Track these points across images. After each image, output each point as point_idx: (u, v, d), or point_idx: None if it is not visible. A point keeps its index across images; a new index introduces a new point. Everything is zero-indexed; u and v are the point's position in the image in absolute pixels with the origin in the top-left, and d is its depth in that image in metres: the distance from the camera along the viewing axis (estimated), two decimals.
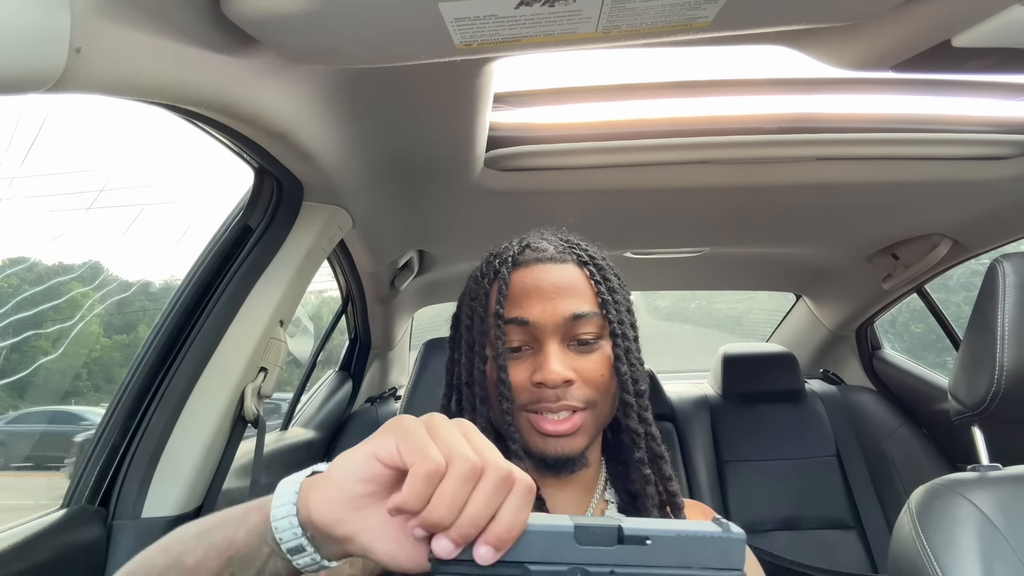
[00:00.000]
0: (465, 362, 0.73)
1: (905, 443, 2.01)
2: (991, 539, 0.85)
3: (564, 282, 0.70)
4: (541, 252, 0.73)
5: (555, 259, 0.72)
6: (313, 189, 1.09)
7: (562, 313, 0.68)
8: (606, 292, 0.71)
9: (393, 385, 2.34)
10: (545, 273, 0.71)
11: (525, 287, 0.70)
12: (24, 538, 0.75)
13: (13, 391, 1.55)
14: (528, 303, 0.69)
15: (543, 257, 0.72)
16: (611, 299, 0.70)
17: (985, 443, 1.03)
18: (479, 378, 0.71)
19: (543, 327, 0.68)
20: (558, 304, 0.69)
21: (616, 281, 0.74)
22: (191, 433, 0.95)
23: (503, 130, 1.28)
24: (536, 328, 0.68)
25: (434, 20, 0.65)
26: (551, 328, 0.68)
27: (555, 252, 0.73)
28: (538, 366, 0.67)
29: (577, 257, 0.73)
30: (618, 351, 0.69)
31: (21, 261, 1.47)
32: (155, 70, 0.61)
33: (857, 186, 1.40)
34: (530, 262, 0.72)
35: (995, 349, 0.94)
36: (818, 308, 2.34)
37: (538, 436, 0.68)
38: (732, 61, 1.07)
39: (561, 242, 0.76)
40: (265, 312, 1.04)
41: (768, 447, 2.04)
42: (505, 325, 0.69)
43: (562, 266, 0.72)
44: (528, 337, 0.69)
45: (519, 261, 0.73)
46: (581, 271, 0.72)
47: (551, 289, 0.69)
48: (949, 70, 0.88)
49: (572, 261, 0.73)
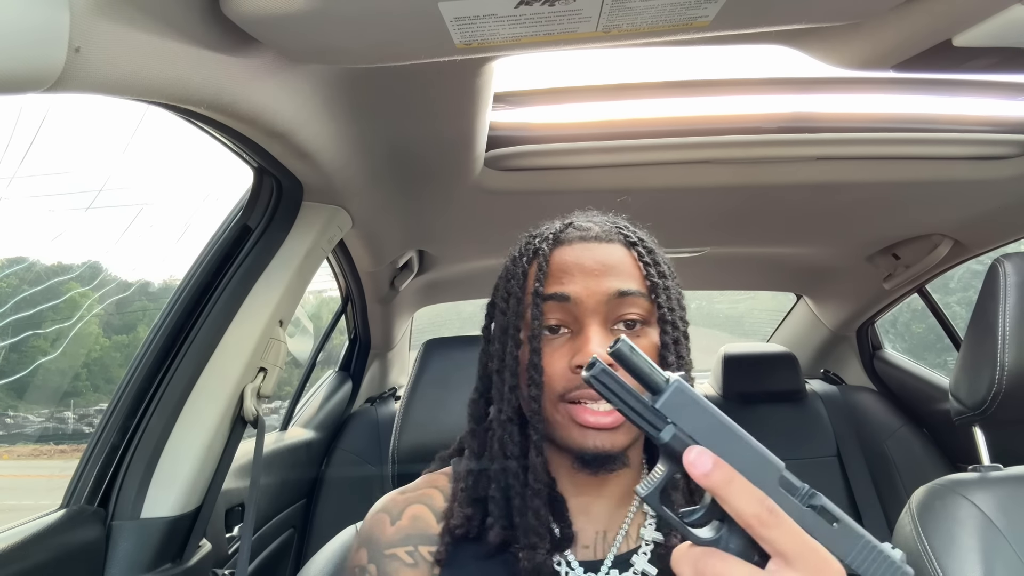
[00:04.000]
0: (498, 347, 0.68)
1: (906, 443, 2.01)
2: (992, 539, 0.85)
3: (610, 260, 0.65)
4: (585, 231, 0.68)
5: (600, 238, 0.67)
6: (313, 189, 1.08)
7: (606, 290, 0.63)
8: (656, 275, 0.66)
9: (393, 385, 2.34)
10: (589, 251, 0.66)
11: (566, 264, 0.65)
12: (23, 538, 0.75)
13: (12, 391, 1.55)
14: (569, 280, 0.64)
15: (587, 236, 0.68)
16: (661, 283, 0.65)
17: (986, 443, 1.03)
18: (511, 363, 0.65)
19: (584, 304, 0.63)
20: (602, 281, 0.64)
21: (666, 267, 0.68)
22: (190, 433, 0.95)
23: (503, 130, 1.28)
24: (577, 305, 0.63)
25: (434, 20, 0.65)
26: (593, 306, 0.63)
27: (600, 231, 0.68)
28: (578, 348, 0.62)
29: (624, 238, 0.68)
30: (666, 339, 0.64)
31: (20, 261, 1.47)
32: (154, 70, 0.60)
33: (858, 186, 1.39)
34: (573, 240, 0.68)
35: (996, 349, 0.94)
36: (819, 308, 2.34)
37: (577, 429, 0.62)
38: (732, 61, 1.07)
39: (607, 222, 0.71)
40: (264, 312, 1.04)
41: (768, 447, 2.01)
42: (543, 303, 0.64)
43: (608, 245, 0.67)
44: (568, 316, 0.64)
45: (561, 239, 0.68)
46: (628, 252, 0.67)
47: (595, 266, 0.64)
48: (950, 70, 0.88)
49: (619, 241, 0.68)
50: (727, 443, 0.43)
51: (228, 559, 1.14)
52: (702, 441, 0.42)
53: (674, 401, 0.43)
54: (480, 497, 0.67)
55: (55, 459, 1.93)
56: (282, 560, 1.58)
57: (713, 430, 0.43)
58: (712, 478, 0.41)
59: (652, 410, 0.43)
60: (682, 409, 0.43)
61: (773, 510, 0.40)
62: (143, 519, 0.89)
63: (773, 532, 0.40)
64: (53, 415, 1.84)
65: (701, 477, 0.41)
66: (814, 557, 0.40)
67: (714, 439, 0.43)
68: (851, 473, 1.98)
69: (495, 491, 0.66)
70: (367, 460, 1.92)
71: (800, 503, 0.43)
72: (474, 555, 0.66)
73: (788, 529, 0.40)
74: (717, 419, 0.44)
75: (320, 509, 1.80)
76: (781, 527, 0.40)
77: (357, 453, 1.92)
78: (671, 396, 0.43)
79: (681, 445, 0.42)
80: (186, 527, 0.94)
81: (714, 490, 0.41)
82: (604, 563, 0.65)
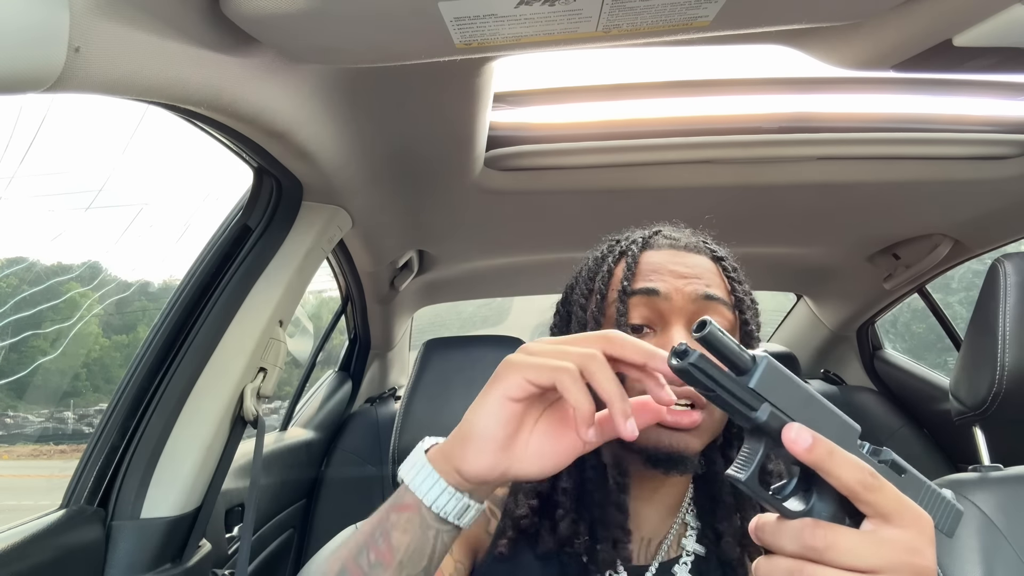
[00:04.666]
0: None
1: (906, 443, 2.01)
2: (992, 539, 0.85)
3: (698, 267, 0.66)
4: (674, 240, 0.70)
5: (688, 247, 0.69)
6: (312, 189, 1.08)
7: (694, 291, 0.64)
8: (741, 291, 0.67)
9: (393, 385, 2.34)
10: (678, 256, 0.67)
11: (655, 265, 0.66)
12: (23, 539, 0.75)
13: (12, 391, 1.55)
14: (659, 278, 0.65)
15: (676, 244, 0.69)
16: (747, 299, 0.67)
17: (986, 443, 1.03)
18: None
19: (672, 301, 0.63)
20: (691, 282, 0.64)
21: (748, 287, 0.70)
22: (190, 433, 0.95)
23: (503, 130, 1.28)
24: (664, 302, 0.64)
25: (434, 19, 0.65)
26: (680, 304, 0.63)
27: (689, 242, 0.70)
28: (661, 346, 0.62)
29: (711, 252, 0.70)
30: None
31: (20, 261, 1.47)
32: (154, 69, 0.60)
33: (858, 186, 1.39)
34: (663, 246, 0.69)
35: (996, 349, 0.94)
36: (819, 308, 2.34)
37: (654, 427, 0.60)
38: (732, 61, 1.07)
39: (695, 236, 0.73)
40: (264, 312, 1.04)
41: None
42: (629, 298, 0.64)
43: (696, 255, 0.68)
44: (654, 314, 0.64)
45: (650, 243, 0.69)
46: (715, 265, 0.68)
47: (684, 269, 0.66)
48: (950, 70, 0.88)
49: (706, 254, 0.69)
50: (817, 414, 0.43)
51: (228, 559, 1.14)
52: (795, 416, 0.43)
53: (767, 378, 0.42)
54: (544, 491, 0.68)
55: (55, 459, 1.93)
56: (282, 560, 1.58)
57: (804, 403, 0.43)
58: (816, 452, 0.41)
59: (748, 391, 0.42)
60: (775, 386, 0.43)
61: (875, 474, 0.41)
62: (143, 519, 0.89)
63: (877, 495, 0.41)
64: (53, 415, 1.84)
65: (804, 453, 0.41)
66: (910, 513, 0.41)
67: (806, 412, 0.43)
68: None
69: (567, 482, 0.67)
70: (367, 460, 1.92)
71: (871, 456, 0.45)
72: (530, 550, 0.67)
73: (889, 490, 0.41)
74: (806, 392, 0.44)
75: (320, 509, 1.80)
76: (884, 489, 0.41)
77: (357, 453, 1.92)
78: (764, 374, 0.42)
79: (778, 422, 0.42)
80: (186, 527, 0.94)
81: (817, 463, 0.41)
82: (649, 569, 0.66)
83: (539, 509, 0.68)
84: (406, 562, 0.49)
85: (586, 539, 0.65)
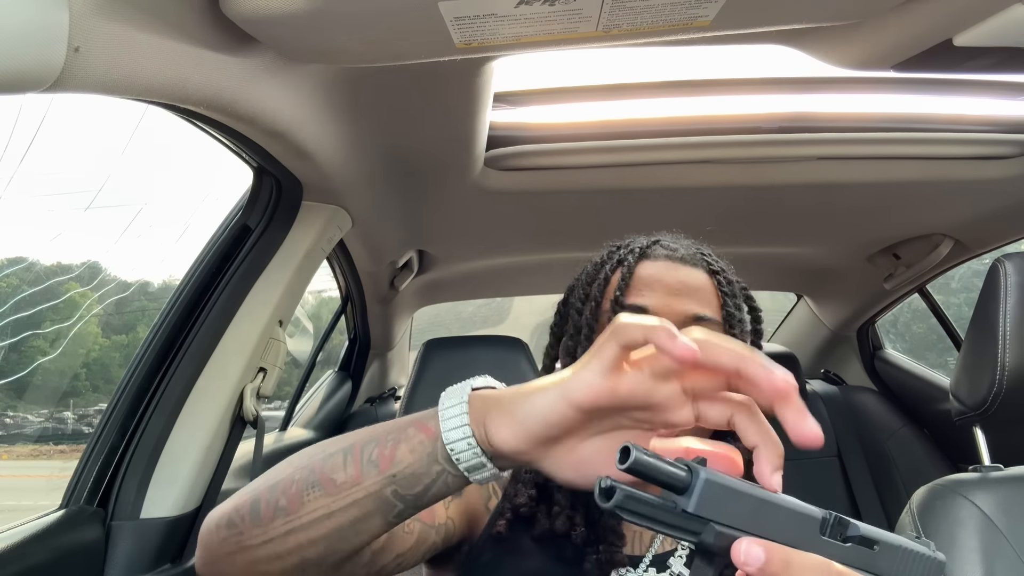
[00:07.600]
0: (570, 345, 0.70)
1: (907, 443, 2.01)
2: (993, 540, 0.85)
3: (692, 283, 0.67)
4: (672, 251, 0.70)
5: (685, 260, 0.69)
6: (312, 189, 1.08)
7: (683, 311, 0.65)
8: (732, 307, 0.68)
9: (393, 385, 2.34)
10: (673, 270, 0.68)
11: (649, 278, 0.67)
12: (22, 539, 0.75)
13: (12, 391, 1.55)
14: (650, 294, 0.66)
15: (673, 255, 0.70)
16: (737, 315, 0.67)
17: (987, 443, 1.03)
18: None
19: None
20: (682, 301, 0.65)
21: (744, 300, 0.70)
22: (190, 433, 0.95)
23: (503, 130, 1.28)
24: None
25: (434, 19, 0.65)
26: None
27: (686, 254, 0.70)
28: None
29: (708, 265, 0.70)
30: None
31: (19, 261, 1.47)
32: (154, 69, 0.60)
33: (858, 185, 1.39)
34: (659, 256, 0.70)
35: (997, 349, 0.94)
36: (819, 308, 2.34)
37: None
38: (732, 60, 1.07)
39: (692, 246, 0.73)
40: (264, 312, 1.04)
41: None
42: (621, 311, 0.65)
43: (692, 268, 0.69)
44: None
45: (647, 253, 0.70)
46: (710, 279, 0.69)
47: (677, 286, 0.66)
48: (950, 69, 0.88)
49: (703, 267, 0.70)
50: (769, 519, 0.40)
51: None
52: (745, 527, 0.39)
53: (707, 496, 0.38)
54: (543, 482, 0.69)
55: (55, 459, 1.93)
56: None
57: (754, 511, 0.39)
58: (771, 567, 0.37)
59: (688, 516, 0.38)
60: (717, 501, 0.38)
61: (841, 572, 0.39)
62: (143, 519, 0.89)
63: None
64: (53, 415, 1.84)
65: (757, 573, 0.38)
66: None
67: (756, 520, 0.39)
68: (852, 473, 1.98)
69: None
70: None
71: (840, 542, 0.42)
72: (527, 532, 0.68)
73: None
74: (754, 498, 0.40)
75: None
76: None
77: None
78: (703, 492, 0.38)
79: (727, 540, 0.38)
80: (186, 527, 0.94)
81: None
82: (644, 560, 0.67)
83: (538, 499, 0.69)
84: (399, 477, 0.47)
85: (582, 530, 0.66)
